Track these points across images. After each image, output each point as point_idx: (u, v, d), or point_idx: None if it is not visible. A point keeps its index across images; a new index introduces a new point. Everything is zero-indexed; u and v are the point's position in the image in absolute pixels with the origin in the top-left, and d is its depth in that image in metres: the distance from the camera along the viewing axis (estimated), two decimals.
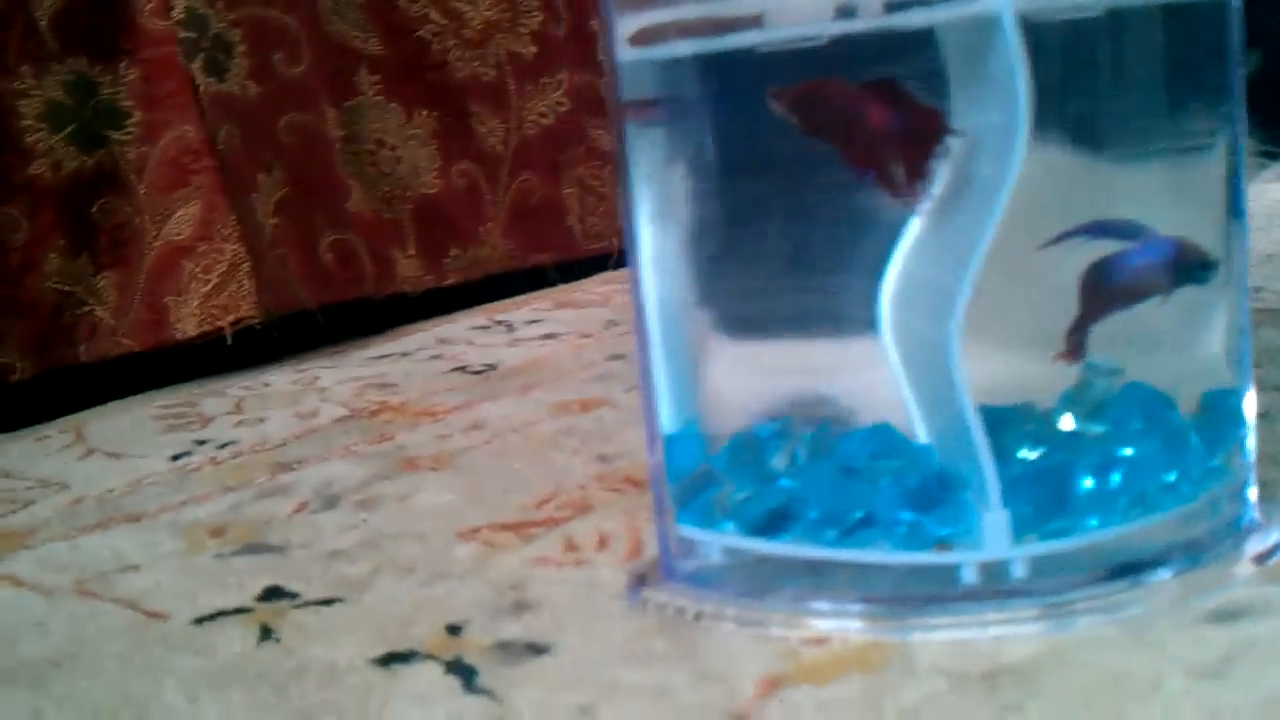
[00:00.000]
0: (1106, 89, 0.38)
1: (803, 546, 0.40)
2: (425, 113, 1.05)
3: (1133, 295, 0.41)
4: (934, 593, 0.39)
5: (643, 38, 0.39)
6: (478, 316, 1.05)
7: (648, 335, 0.42)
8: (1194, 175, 0.41)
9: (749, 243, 0.41)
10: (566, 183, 1.18)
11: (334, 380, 0.85)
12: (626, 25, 0.39)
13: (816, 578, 0.40)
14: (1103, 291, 0.40)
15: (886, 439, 0.41)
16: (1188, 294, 0.41)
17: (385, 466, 0.62)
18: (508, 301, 1.11)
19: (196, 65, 0.87)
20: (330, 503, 0.57)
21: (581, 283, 1.17)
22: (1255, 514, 0.42)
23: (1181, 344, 0.42)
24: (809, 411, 0.42)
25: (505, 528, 0.51)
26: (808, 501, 0.40)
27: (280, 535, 0.54)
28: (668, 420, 0.43)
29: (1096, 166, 0.40)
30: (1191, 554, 0.40)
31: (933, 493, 0.39)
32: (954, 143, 0.38)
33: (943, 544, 0.39)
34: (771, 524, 0.41)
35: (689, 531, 0.42)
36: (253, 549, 0.52)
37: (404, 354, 0.93)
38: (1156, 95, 0.39)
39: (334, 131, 0.98)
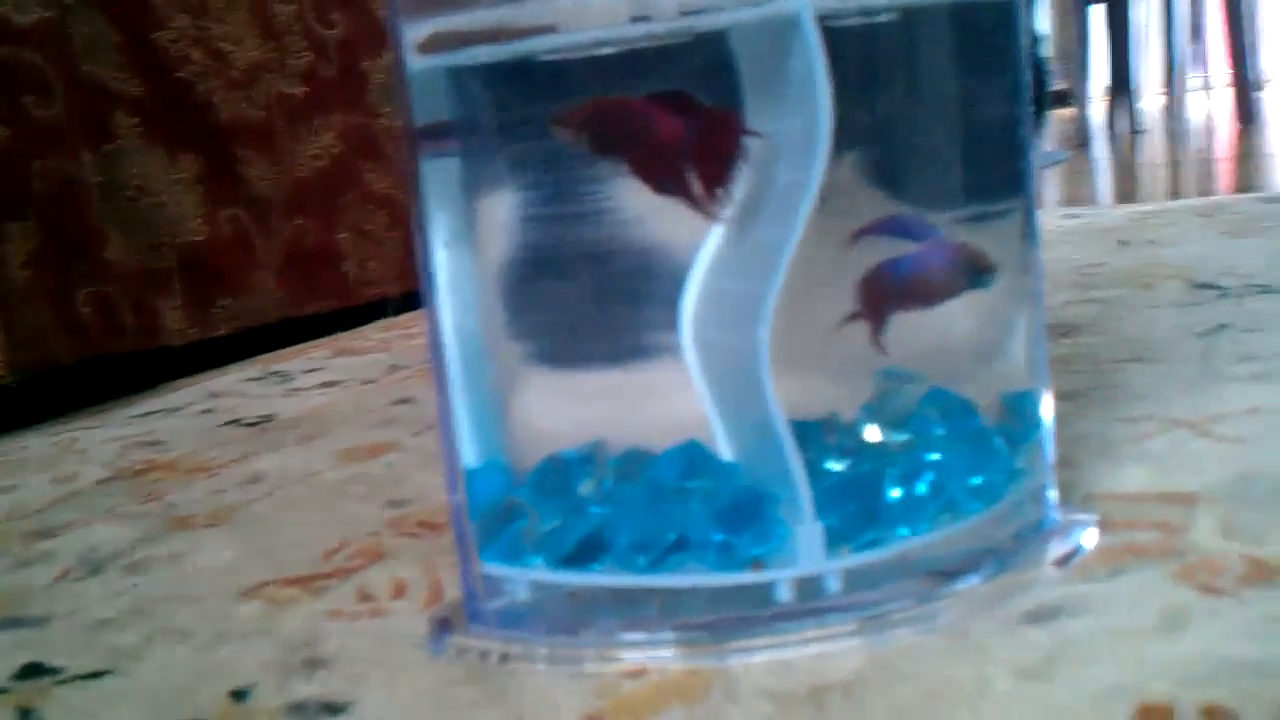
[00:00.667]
0: (902, 92, 0.38)
1: (614, 576, 0.38)
2: (190, 156, 1.00)
3: (910, 298, 0.41)
4: (749, 613, 0.38)
5: (433, 45, 0.37)
6: (251, 368, 1.00)
7: (445, 368, 0.40)
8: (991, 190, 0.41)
9: (549, 268, 0.39)
10: (341, 227, 1.14)
11: (96, 440, 0.79)
12: (416, 31, 0.37)
13: (630, 608, 0.39)
14: (881, 293, 0.40)
15: (694, 457, 0.39)
16: (988, 302, 0.41)
17: (155, 527, 0.58)
18: (284, 351, 1.06)
19: None
20: (95, 568, 0.52)
21: (360, 329, 1.13)
22: (1056, 515, 0.42)
23: (980, 351, 0.42)
24: (616, 436, 0.40)
25: (291, 582, 0.48)
26: (618, 527, 0.39)
27: (40, 606, 0.49)
28: (470, 455, 0.41)
29: (893, 173, 0.39)
30: (999, 558, 0.40)
31: (744, 510, 0.38)
32: (754, 146, 0.37)
33: (757, 563, 0.38)
34: (581, 554, 0.39)
35: (494, 569, 0.40)
36: (8, 623, 0.47)
37: (172, 410, 0.87)
38: (950, 99, 0.39)
39: (91, 177, 0.92)
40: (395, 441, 0.68)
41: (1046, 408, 0.42)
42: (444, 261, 0.39)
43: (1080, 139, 2.72)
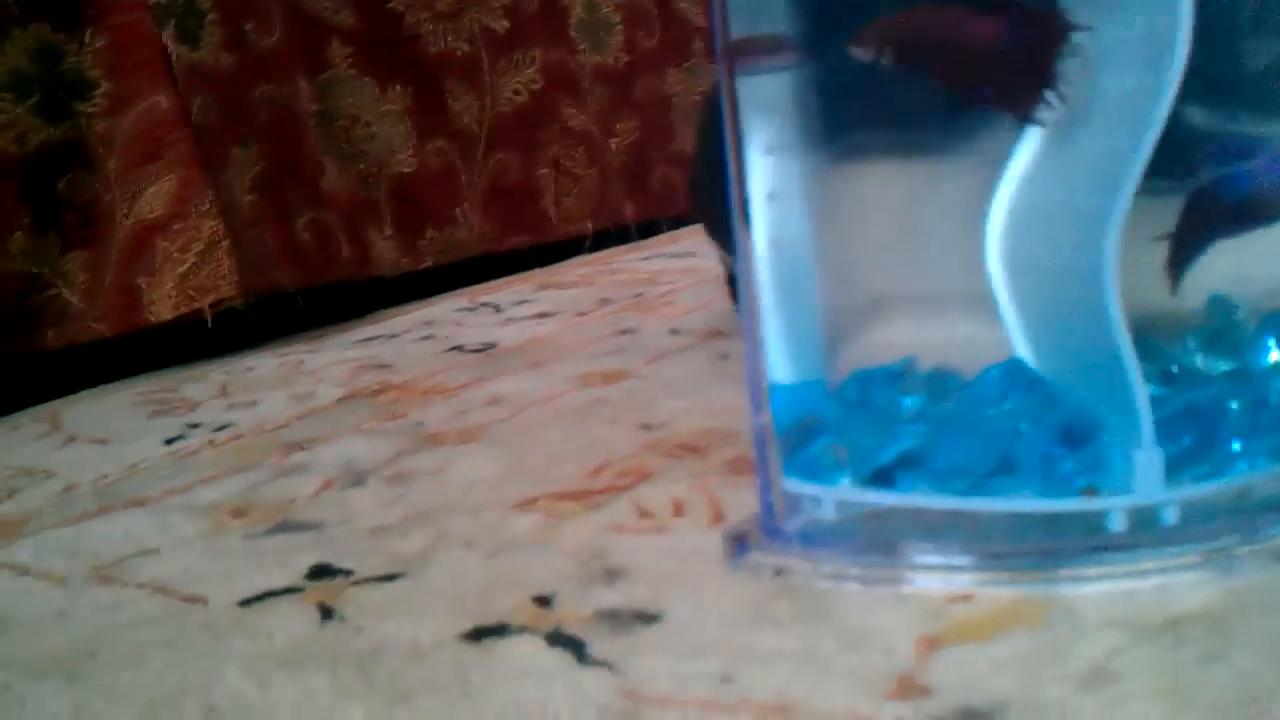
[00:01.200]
0: None
1: (933, 498, 0.37)
2: (399, 88, 1.00)
3: (1239, 222, 0.38)
4: (1081, 542, 0.36)
5: None
6: (459, 299, 1.01)
7: (755, 281, 0.39)
8: None
9: (871, 183, 0.38)
10: (541, 163, 1.13)
11: (322, 363, 0.81)
12: None
13: (942, 532, 0.37)
14: (1207, 216, 0.38)
15: (1017, 377, 0.37)
16: None
17: (407, 442, 0.58)
18: (488, 285, 1.06)
19: (168, 32, 0.81)
20: (358, 479, 0.53)
21: (558, 266, 1.13)
22: None
23: None
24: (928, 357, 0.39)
25: (564, 496, 0.47)
26: (936, 447, 0.37)
27: (311, 514, 0.49)
28: (777, 369, 0.40)
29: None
30: None
31: (1077, 432, 0.36)
32: (1085, 44, 0.35)
33: (1088, 490, 0.36)
34: (894, 473, 0.37)
35: (798, 486, 0.39)
36: (285, 528, 0.48)
37: (391, 336, 0.88)
38: None
39: (308, 106, 0.94)
40: (629, 369, 0.67)
41: None
42: (764, 169, 0.38)
43: None
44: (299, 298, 0.90)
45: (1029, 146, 0.37)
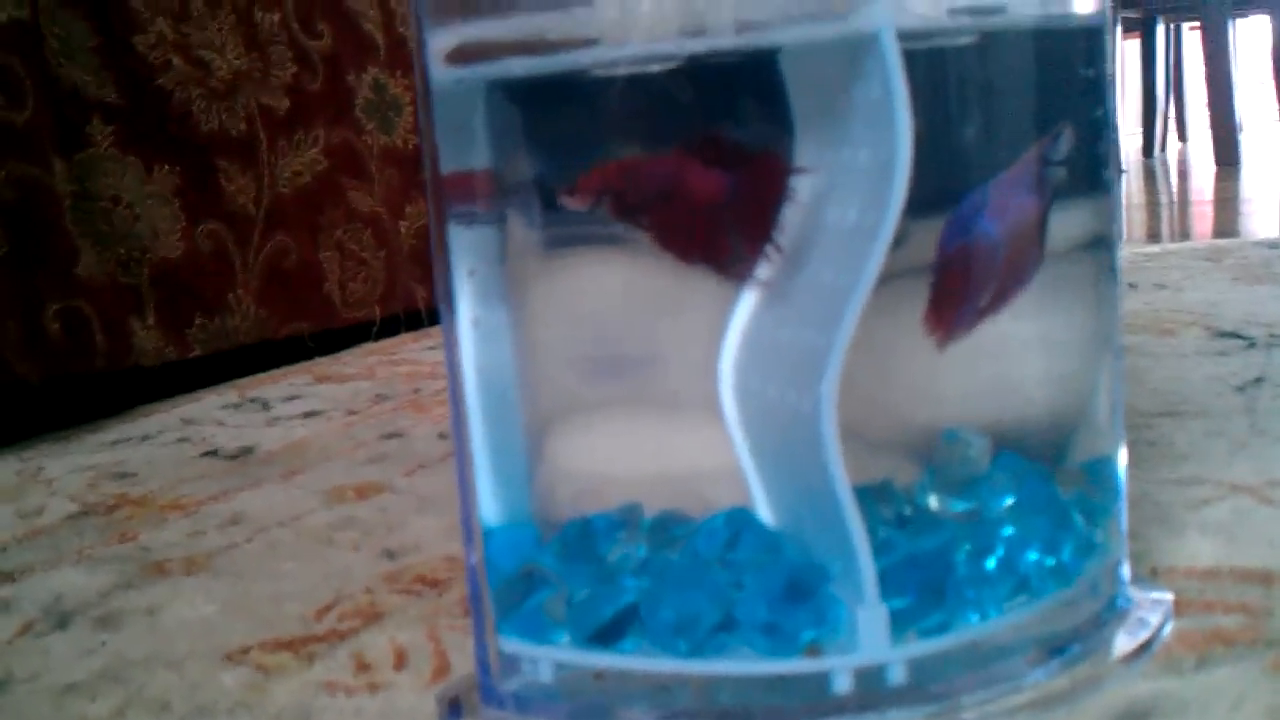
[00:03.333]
0: (979, 124, 0.34)
1: (650, 658, 0.34)
2: (167, 168, 0.95)
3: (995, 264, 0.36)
4: (806, 705, 0.34)
5: (461, 55, 0.33)
6: (228, 394, 0.95)
7: (465, 410, 0.36)
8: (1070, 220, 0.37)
9: (583, 306, 0.36)
10: (325, 246, 1.09)
11: (63, 469, 0.74)
12: (441, 40, 0.33)
13: (665, 694, 0.34)
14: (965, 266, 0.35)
15: (740, 526, 0.35)
16: (1063, 348, 0.37)
17: (128, 573, 0.53)
18: (261, 376, 1.01)
19: None
20: (62, 621, 0.48)
21: (341, 355, 1.09)
22: (1130, 594, 0.39)
23: (1054, 406, 0.38)
24: (653, 497, 0.36)
25: (280, 645, 0.43)
26: (656, 603, 0.34)
27: (0, 665, 0.44)
28: (490, 512, 0.37)
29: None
30: (1076, 644, 0.36)
31: (798, 587, 0.34)
32: (804, 183, 0.34)
33: (812, 648, 0.34)
34: (613, 631, 0.35)
35: (514, 645, 0.36)
36: None
37: (144, 437, 0.82)
38: (1031, 131, 0.35)
39: (63, 186, 0.88)
40: (387, 482, 0.64)
41: (1123, 471, 0.39)
42: (468, 291, 0.35)
43: None
44: (44, 392, 0.83)
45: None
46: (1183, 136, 3.87)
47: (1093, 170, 0.36)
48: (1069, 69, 0.35)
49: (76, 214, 0.88)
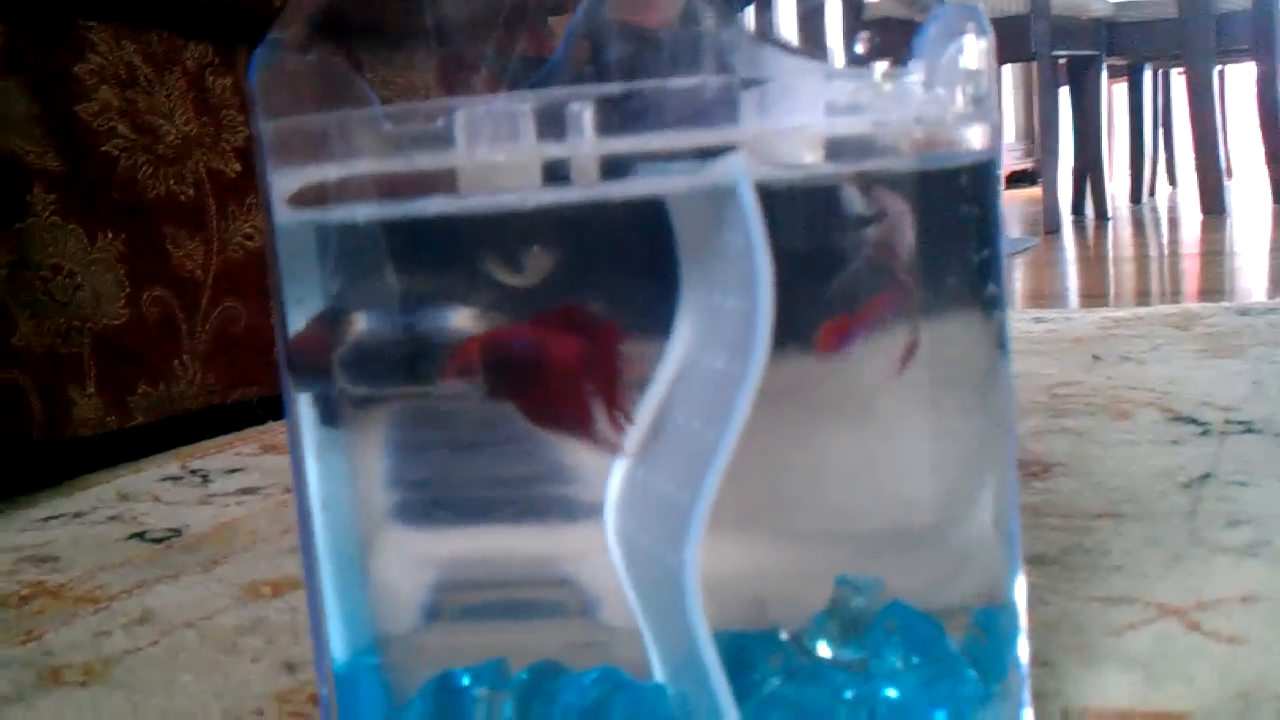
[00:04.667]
0: (860, 271, 0.32)
1: None
2: (111, 235, 0.94)
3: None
4: None
5: (304, 198, 0.31)
6: (169, 464, 0.93)
7: (311, 535, 0.34)
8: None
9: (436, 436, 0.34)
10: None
11: None
12: (286, 182, 0.31)
13: None
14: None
15: (612, 685, 0.33)
16: (951, 486, 0.35)
17: (23, 682, 0.51)
18: (208, 444, 0.99)
19: None
20: None
21: None
22: None
23: (944, 531, 0.36)
24: (522, 645, 0.34)
25: None
26: None
27: None
28: (338, 645, 0.35)
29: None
30: None
31: None
32: (680, 331, 0.32)
33: None
34: None
35: None
36: None
37: (76, 515, 0.80)
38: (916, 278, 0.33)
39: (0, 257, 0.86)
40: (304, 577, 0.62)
41: (1021, 601, 0.37)
42: (309, 419, 0.34)
43: (1050, 225, 2.70)
44: None
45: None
46: (1173, 181, 3.87)
47: (983, 308, 0.35)
48: (952, 209, 0.33)
49: (14, 284, 0.87)
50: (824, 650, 0.36)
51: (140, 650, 0.54)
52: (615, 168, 0.30)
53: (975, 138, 0.34)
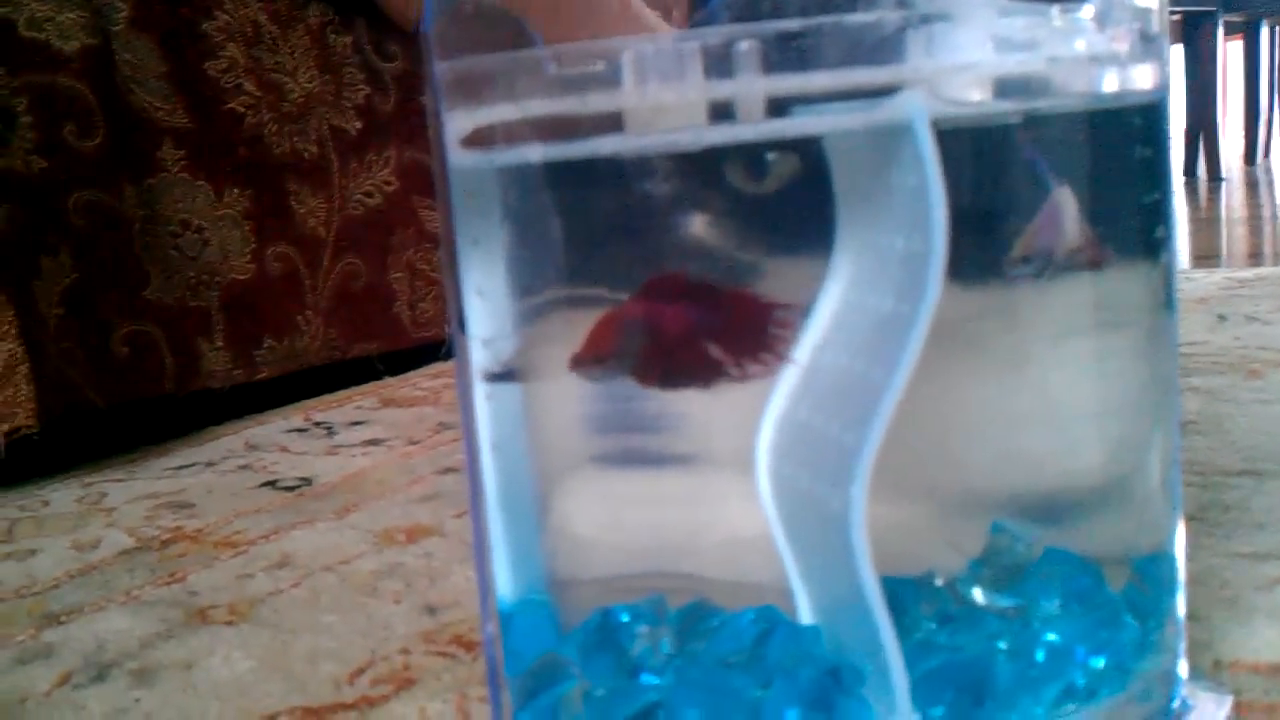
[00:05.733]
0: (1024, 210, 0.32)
1: None
2: (237, 191, 0.96)
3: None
4: None
5: (479, 139, 0.32)
6: (294, 417, 0.95)
7: (480, 475, 0.35)
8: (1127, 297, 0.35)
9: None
10: (395, 267, 1.09)
11: (125, 498, 0.75)
12: (460, 123, 0.32)
13: None
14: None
15: (769, 624, 0.34)
16: (1112, 438, 0.35)
17: (172, 620, 0.53)
18: (329, 398, 1.02)
19: None
20: (100, 673, 0.48)
21: (410, 376, 1.09)
22: (1186, 696, 0.36)
23: (1105, 487, 0.36)
24: (677, 583, 0.35)
25: (310, 713, 0.43)
26: (678, 704, 0.33)
27: None
28: (505, 584, 0.35)
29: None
30: None
31: (830, 692, 0.32)
32: (841, 269, 0.32)
33: None
34: None
35: None
36: None
37: (208, 464, 0.83)
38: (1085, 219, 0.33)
39: (132, 211, 0.88)
40: (437, 525, 0.63)
41: (1180, 558, 0.36)
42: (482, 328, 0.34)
43: None
44: (111, 416, 0.84)
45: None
46: None
47: (1149, 251, 0.34)
48: (1122, 150, 0.32)
49: (146, 238, 0.89)
50: (979, 597, 0.35)
51: (283, 592, 0.55)
52: (774, 107, 0.30)
53: (1145, 77, 0.33)
